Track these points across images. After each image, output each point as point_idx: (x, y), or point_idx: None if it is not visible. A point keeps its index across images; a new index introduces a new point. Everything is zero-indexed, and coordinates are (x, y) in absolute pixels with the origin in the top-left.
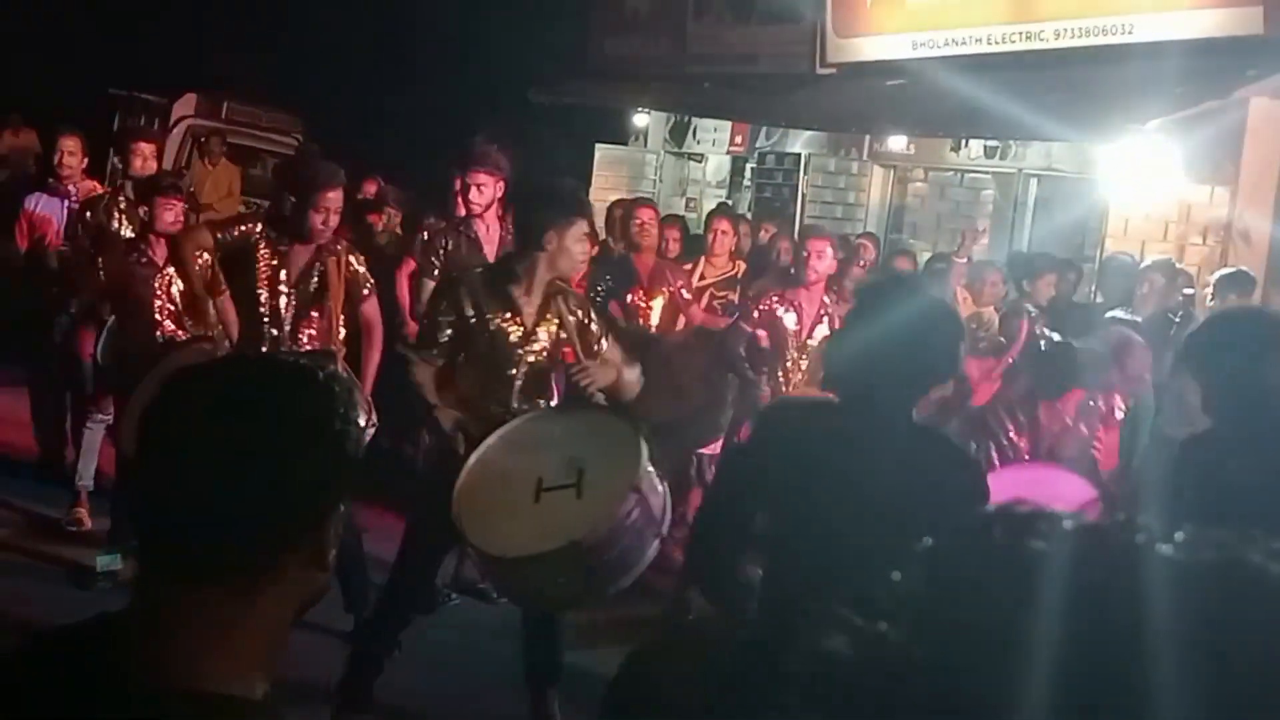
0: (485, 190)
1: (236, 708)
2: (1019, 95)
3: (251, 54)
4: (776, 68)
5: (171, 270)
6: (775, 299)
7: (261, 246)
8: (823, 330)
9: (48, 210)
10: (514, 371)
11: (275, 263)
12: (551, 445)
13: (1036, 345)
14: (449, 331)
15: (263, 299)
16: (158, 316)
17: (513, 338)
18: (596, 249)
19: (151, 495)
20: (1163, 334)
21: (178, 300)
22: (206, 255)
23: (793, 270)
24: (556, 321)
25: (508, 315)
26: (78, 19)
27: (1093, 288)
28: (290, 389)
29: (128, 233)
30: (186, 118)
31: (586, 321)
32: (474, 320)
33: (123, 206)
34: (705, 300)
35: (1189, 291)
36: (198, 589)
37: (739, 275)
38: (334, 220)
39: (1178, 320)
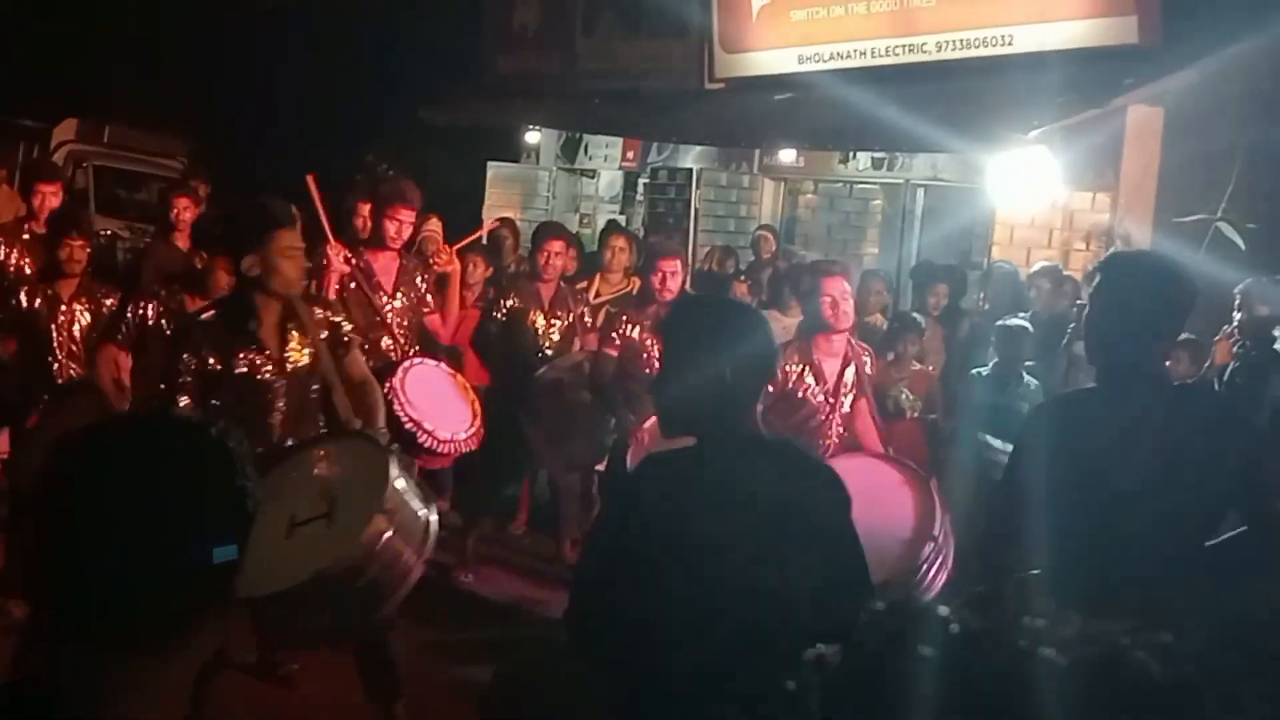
0: (405, 227)
1: None
2: (904, 107)
3: (134, 77)
4: (666, 83)
5: (76, 308)
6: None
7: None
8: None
9: None
10: (276, 406)
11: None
12: (306, 480)
13: None
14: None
15: None
16: (57, 354)
17: (265, 374)
18: (491, 269)
19: (55, 563)
20: (1055, 341)
21: (78, 339)
22: None
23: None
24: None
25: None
26: None
27: (980, 295)
28: (186, 449)
29: (28, 268)
30: (68, 143)
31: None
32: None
33: (25, 240)
34: (601, 316)
35: (1081, 302)
36: (107, 653)
37: (634, 291)
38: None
39: (1070, 331)
